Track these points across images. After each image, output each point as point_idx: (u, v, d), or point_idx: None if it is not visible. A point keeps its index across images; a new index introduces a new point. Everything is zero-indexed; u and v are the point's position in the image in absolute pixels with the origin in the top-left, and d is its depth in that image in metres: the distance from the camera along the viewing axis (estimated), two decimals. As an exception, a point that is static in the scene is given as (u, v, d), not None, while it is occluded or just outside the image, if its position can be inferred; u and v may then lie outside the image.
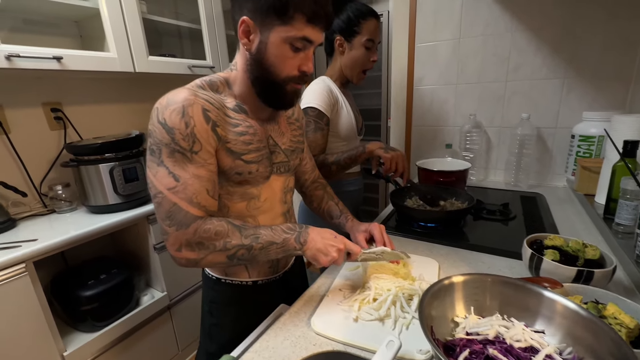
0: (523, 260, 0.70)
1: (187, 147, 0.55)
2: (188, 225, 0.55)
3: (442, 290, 0.53)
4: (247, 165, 0.63)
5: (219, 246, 0.56)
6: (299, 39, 0.57)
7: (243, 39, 0.59)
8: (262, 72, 0.60)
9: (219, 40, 1.57)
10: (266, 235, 0.59)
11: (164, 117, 0.55)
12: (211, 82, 0.63)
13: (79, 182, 1.21)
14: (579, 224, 0.96)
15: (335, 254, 0.61)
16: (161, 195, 0.55)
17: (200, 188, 0.57)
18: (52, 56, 0.99)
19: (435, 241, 0.89)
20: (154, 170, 0.55)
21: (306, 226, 0.63)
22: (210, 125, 0.57)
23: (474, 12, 1.31)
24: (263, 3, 0.55)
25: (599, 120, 1.09)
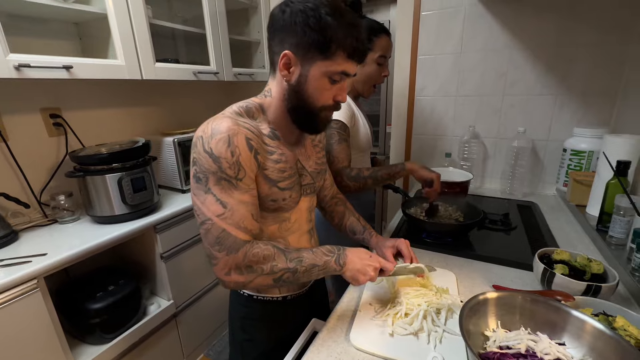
0: (534, 273, 0.77)
1: (233, 174, 0.57)
2: (237, 250, 0.57)
3: (476, 305, 0.58)
4: (282, 192, 0.66)
5: (267, 270, 0.59)
6: (338, 73, 0.61)
7: (283, 71, 0.62)
8: (299, 101, 0.63)
9: (222, 44, 1.55)
10: (309, 259, 0.62)
11: (210, 146, 0.56)
12: (247, 108, 0.65)
13: (84, 192, 1.18)
14: (573, 233, 1.05)
15: (373, 273, 0.65)
16: (210, 222, 0.57)
17: (246, 213, 0.59)
18: (62, 65, 0.96)
19: (447, 252, 0.95)
20: (202, 198, 0.57)
21: (343, 248, 0.67)
22: (253, 153, 0.60)
23: (475, 28, 1.37)
24: (307, 39, 0.58)
25: (589, 136, 1.19)
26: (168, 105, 1.73)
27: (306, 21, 0.57)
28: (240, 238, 0.58)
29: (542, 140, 1.38)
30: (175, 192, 1.52)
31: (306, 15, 0.57)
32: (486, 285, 0.79)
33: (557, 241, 0.99)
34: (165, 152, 1.46)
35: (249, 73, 1.75)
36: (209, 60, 1.52)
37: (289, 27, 0.59)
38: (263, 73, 1.87)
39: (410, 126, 1.64)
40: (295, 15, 0.58)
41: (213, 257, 0.58)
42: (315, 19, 0.57)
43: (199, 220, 0.58)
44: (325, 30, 0.57)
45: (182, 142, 1.45)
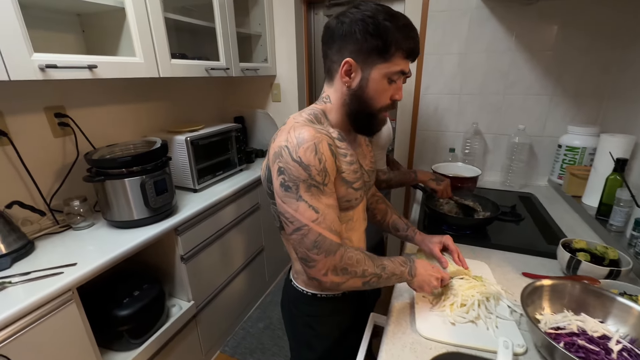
0: (558, 260, 0.88)
1: (321, 181, 0.61)
2: (334, 252, 0.61)
3: (532, 292, 0.67)
4: (356, 192, 0.70)
5: (359, 273, 0.63)
6: (396, 73, 0.65)
7: (345, 78, 0.65)
8: (360, 105, 0.67)
9: (231, 38, 1.51)
10: (389, 267, 0.68)
11: (299, 155, 0.59)
12: (315, 115, 0.68)
13: (102, 196, 1.12)
14: (572, 221, 1.18)
15: (436, 283, 0.73)
16: (307, 228, 0.60)
17: (334, 216, 0.63)
18: (87, 65, 0.89)
19: (469, 243, 1.04)
20: (294, 206, 0.60)
21: (412, 259, 0.73)
22: (334, 158, 0.63)
23: (480, 30, 1.45)
24: (367, 45, 0.62)
25: (582, 134, 1.33)
26: (169, 102, 1.66)
27: (366, 28, 0.61)
28: (335, 241, 0.61)
29: (537, 136, 1.51)
30: (188, 191, 1.49)
31: (365, 23, 0.61)
32: (516, 273, 0.89)
33: (562, 229, 1.11)
34: (177, 150, 1.42)
35: (255, 68, 1.72)
36: (218, 55, 1.47)
37: (348, 35, 0.62)
38: (265, 67, 1.84)
39: (415, 122, 1.71)
40: (354, 24, 0.62)
41: (310, 260, 0.61)
42: (374, 25, 0.61)
43: (291, 227, 0.61)
44: (384, 35, 0.61)
45: (195, 140, 1.41)
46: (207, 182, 1.52)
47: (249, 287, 1.79)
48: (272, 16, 1.83)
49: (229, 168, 1.66)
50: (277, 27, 1.86)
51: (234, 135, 1.66)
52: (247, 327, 1.76)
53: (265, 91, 2.02)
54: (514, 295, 0.79)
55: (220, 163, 1.60)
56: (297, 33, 1.83)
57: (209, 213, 1.40)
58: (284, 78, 1.94)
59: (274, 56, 1.90)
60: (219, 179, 1.61)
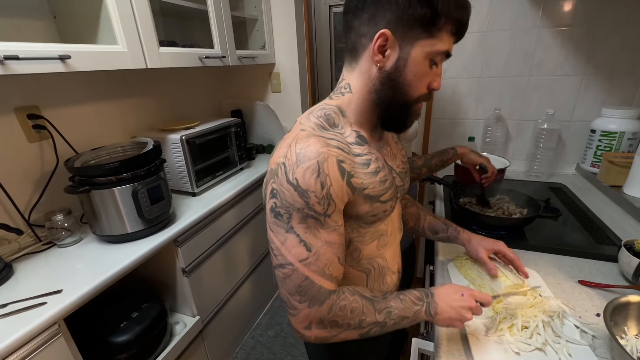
0: (620, 265, 0.77)
1: (322, 210, 0.47)
2: (322, 302, 0.49)
3: (615, 310, 0.56)
4: (384, 205, 0.57)
5: (354, 324, 0.51)
6: (441, 53, 0.51)
7: (377, 56, 0.51)
8: (394, 91, 0.53)
9: (225, 22, 1.34)
10: (397, 309, 0.54)
11: (296, 176, 0.46)
12: (327, 116, 0.54)
13: (88, 208, 0.98)
14: (615, 215, 1.07)
15: (470, 316, 0.57)
16: (291, 267, 0.48)
17: (332, 257, 0.50)
18: (58, 55, 0.74)
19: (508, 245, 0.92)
20: (282, 237, 0.48)
21: (431, 292, 0.59)
22: (346, 180, 0.50)
23: (504, 5, 1.31)
24: (411, 13, 0.47)
25: (619, 117, 1.21)
26: (158, 97, 1.49)
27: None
28: (325, 288, 0.49)
29: (565, 120, 1.39)
30: (186, 195, 1.35)
31: None
32: (571, 281, 0.78)
33: (607, 225, 1.00)
34: (171, 151, 1.27)
35: (252, 55, 1.56)
36: (212, 42, 1.31)
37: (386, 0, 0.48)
38: (264, 55, 1.68)
39: (429, 110, 1.58)
40: None
41: (291, 307, 0.49)
42: None
43: (276, 262, 0.49)
44: (435, 1, 0.47)
45: (191, 139, 1.27)
46: (206, 184, 1.38)
47: (256, 292, 1.68)
48: (268, -3, 1.65)
49: (230, 167, 1.52)
50: (274, 10, 1.69)
51: (234, 131, 1.51)
52: (257, 336, 1.65)
53: (264, 81, 1.86)
54: (577, 311, 0.68)
55: (220, 162, 1.46)
56: (296, 15, 1.66)
57: (211, 219, 1.27)
58: (284, 66, 1.78)
59: (272, 42, 1.74)
60: (220, 180, 1.47)
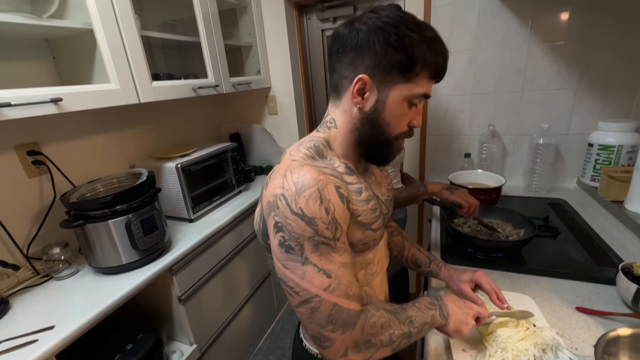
0: (618, 290, 0.74)
1: (331, 235, 0.48)
2: (354, 324, 0.48)
3: (607, 344, 0.54)
4: (374, 233, 0.58)
5: (385, 340, 0.50)
6: (419, 96, 0.53)
7: (357, 98, 0.54)
8: (374, 131, 0.55)
9: (218, 52, 1.39)
10: (417, 317, 0.55)
11: (300, 206, 0.46)
12: (316, 148, 0.56)
13: (83, 240, 1.00)
14: (617, 232, 1.04)
15: (473, 321, 0.60)
16: (318, 299, 0.47)
17: (350, 277, 0.50)
18: (50, 99, 0.77)
19: (501, 268, 0.90)
20: (300, 272, 0.47)
21: (440, 296, 0.60)
22: (346, 204, 0.51)
23: (492, 23, 1.32)
24: (388, 60, 0.50)
25: (616, 130, 1.18)
26: (157, 125, 1.54)
27: (387, 39, 0.49)
28: (354, 310, 0.49)
29: (562, 134, 1.37)
30: (182, 221, 1.36)
31: (387, 33, 0.49)
32: (568, 308, 0.75)
33: (608, 243, 0.97)
34: (168, 179, 1.29)
35: (247, 82, 1.59)
36: (204, 72, 1.35)
37: (365, 47, 0.51)
38: (259, 79, 1.72)
39: (424, 127, 1.58)
40: (373, 34, 0.50)
41: (325, 339, 0.48)
42: (398, 36, 0.49)
43: (298, 299, 0.48)
44: (410, 49, 0.49)
45: (186, 167, 1.29)
46: (203, 210, 1.40)
47: (256, 316, 1.66)
48: (262, 25, 1.71)
49: (227, 191, 1.54)
50: (268, 36, 1.74)
51: (230, 155, 1.54)
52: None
53: (261, 104, 1.90)
54: (573, 342, 0.65)
55: (217, 187, 1.48)
56: (289, 40, 1.71)
57: (207, 245, 1.27)
58: (280, 89, 1.82)
59: (267, 67, 1.78)
60: (217, 205, 1.49)
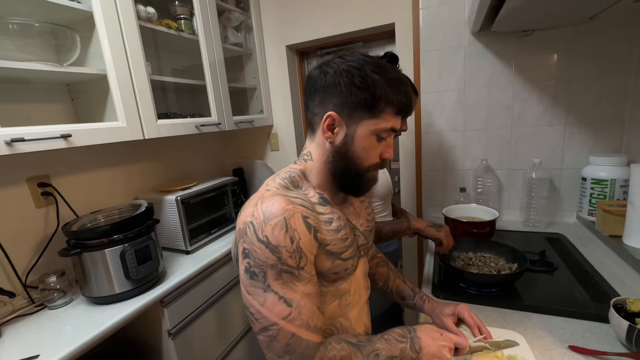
0: (612, 327, 0.71)
1: (295, 264, 0.49)
2: (312, 356, 0.48)
3: None
4: (345, 263, 0.59)
5: None
6: (386, 130, 0.57)
7: (327, 133, 0.58)
8: (345, 163, 0.59)
9: (222, 94, 1.50)
10: (384, 350, 0.54)
11: (265, 234, 0.48)
12: (291, 178, 0.60)
13: (79, 270, 1.03)
14: (616, 268, 1.00)
15: (449, 355, 0.58)
16: (276, 328, 0.47)
17: (313, 308, 0.50)
18: (60, 135, 0.85)
19: (494, 304, 0.87)
20: (261, 299, 0.48)
21: (413, 328, 0.59)
22: (312, 233, 0.53)
23: (477, 65, 1.40)
24: (353, 99, 0.55)
25: (608, 165, 1.19)
26: (165, 160, 1.63)
27: (351, 80, 0.54)
28: (313, 341, 0.49)
29: (556, 169, 1.38)
30: (179, 253, 1.38)
31: (351, 74, 0.54)
32: (561, 347, 0.71)
33: (606, 279, 0.93)
34: (167, 211, 1.34)
35: (249, 120, 1.70)
36: (209, 111, 1.46)
37: (332, 87, 0.56)
38: (261, 118, 1.83)
39: (419, 162, 1.61)
40: (339, 75, 0.55)
41: None
42: (361, 77, 0.54)
43: (258, 326, 0.48)
44: (372, 88, 0.54)
45: (185, 199, 1.34)
46: (201, 242, 1.42)
47: (251, 354, 1.60)
48: (265, 69, 1.85)
49: (226, 224, 1.57)
50: (271, 79, 1.87)
51: (230, 189, 1.59)
52: (251, 407, 1.53)
53: (264, 141, 1.99)
54: (564, 383, 0.62)
55: (216, 220, 1.51)
56: (291, 83, 1.84)
57: (202, 277, 1.28)
58: (281, 127, 1.92)
59: (269, 107, 1.90)
60: (215, 237, 1.51)
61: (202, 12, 1.38)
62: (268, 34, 1.81)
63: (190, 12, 1.39)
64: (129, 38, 1.06)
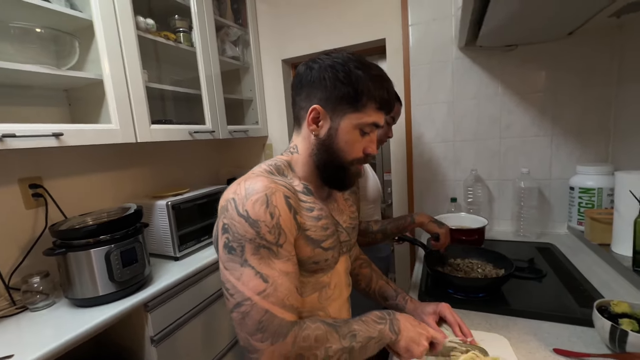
0: (596, 329, 0.69)
1: (273, 240, 0.50)
2: (285, 335, 0.47)
3: None
4: (325, 252, 0.59)
5: (321, 355, 0.49)
6: (369, 124, 0.59)
7: (312, 125, 0.60)
8: (329, 156, 0.60)
9: (217, 104, 1.54)
10: (362, 331, 0.53)
11: (246, 208, 0.49)
12: (277, 166, 0.61)
13: (63, 271, 1.02)
14: (605, 275, 0.99)
15: (426, 343, 0.57)
16: (249, 303, 0.47)
17: (290, 287, 0.50)
18: (52, 133, 0.88)
19: (481, 309, 0.86)
20: (237, 273, 0.48)
21: (392, 312, 0.59)
22: (292, 214, 0.54)
23: (465, 79, 1.44)
24: (337, 93, 0.57)
25: (594, 174, 1.20)
26: (159, 166, 1.64)
27: (336, 75, 0.57)
28: (287, 319, 0.48)
29: (545, 179, 1.39)
30: (168, 260, 1.37)
31: (335, 70, 0.57)
32: (545, 350, 0.69)
33: (595, 286, 0.92)
34: (157, 216, 1.34)
35: (244, 130, 1.73)
36: (204, 119, 1.49)
37: (317, 82, 0.58)
38: (256, 129, 1.86)
39: (410, 173, 1.62)
40: (324, 71, 0.58)
41: (253, 350, 0.47)
42: (345, 72, 0.57)
43: (232, 302, 0.48)
44: (355, 83, 0.56)
45: (176, 204, 1.35)
46: (190, 249, 1.41)
47: (238, 370, 1.54)
48: (262, 82, 1.91)
49: (217, 232, 1.56)
50: (267, 92, 1.93)
51: (223, 197, 1.59)
52: None
53: (259, 151, 2.02)
54: (547, 384, 0.60)
55: (206, 227, 1.51)
56: (286, 96, 1.89)
57: (189, 283, 1.26)
58: (276, 138, 1.95)
59: (265, 118, 1.94)
60: (205, 245, 1.50)
61: (200, 27, 1.45)
62: (265, 49, 1.88)
63: (189, 25, 1.46)
64: (126, 46, 1.11)
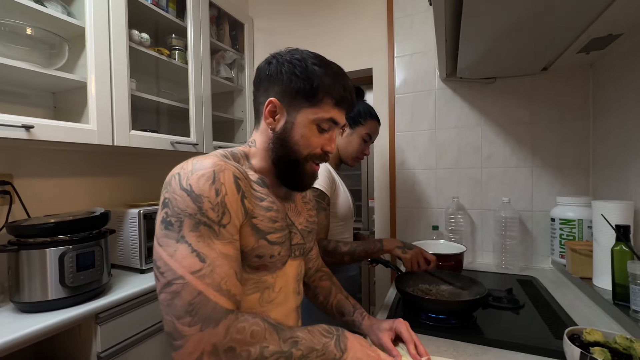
0: (567, 358, 0.63)
1: (216, 218, 0.46)
2: (217, 322, 0.42)
3: None
4: (271, 246, 0.55)
5: (255, 353, 0.43)
6: (326, 120, 0.59)
7: (268, 119, 0.59)
8: (285, 150, 0.59)
9: (205, 120, 1.57)
10: (305, 340, 0.48)
11: (190, 182, 0.46)
12: (233, 153, 0.60)
13: (13, 271, 0.96)
14: (586, 309, 0.93)
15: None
16: (181, 282, 0.42)
17: (230, 271, 0.46)
18: (22, 124, 0.88)
19: (452, 337, 0.79)
20: (171, 249, 0.44)
21: (341, 329, 0.55)
22: (240, 195, 0.51)
23: (447, 108, 1.48)
24: (293, 86, 0.57)
25: (574, 205, 1.18)
26: (140, 177, 1.63)
27: (292, 70, 0.57)
28: (222, 305, 0.43)
29: (526, 210, 1.36)
30: (133, 272, 1.31)
31: (292, 65, 0.58)
32: (513, 381, 0.63)
33: (574, 319, 0.86)
34: (128, 225, 1.30)
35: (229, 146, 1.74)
36: (189, 133, 1.51)
37: (275, 76, 0.59)
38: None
39: (393, 199, 1.60)
40: (281, 65, 0.59)
41: (178, 336, 0.41)
42: (302, 67, 0.57)
43: (162, 282, 0.43)
44: (311, 78, 0.57)
45: (149, 214, 1.31)
46: (158, 262, 1.35)
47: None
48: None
49: (190, 248, 1.51)
50: (258, 114, 1.97)
51: (201, 212, 1.56)
52: None
53: (245, 172, 2.01)
54: (510, 417, 0.53)
55: (180, 241, 1.46)
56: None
57: (149, 298, 1.18)
58: (263, 159, 1.96)
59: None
60: (176, 260, 1.44)
61: (194, 46, 1.51)
62: (259, 74, 1.96)
63: (185, 45, 1.53)
64: (115, 53, 1.15)
